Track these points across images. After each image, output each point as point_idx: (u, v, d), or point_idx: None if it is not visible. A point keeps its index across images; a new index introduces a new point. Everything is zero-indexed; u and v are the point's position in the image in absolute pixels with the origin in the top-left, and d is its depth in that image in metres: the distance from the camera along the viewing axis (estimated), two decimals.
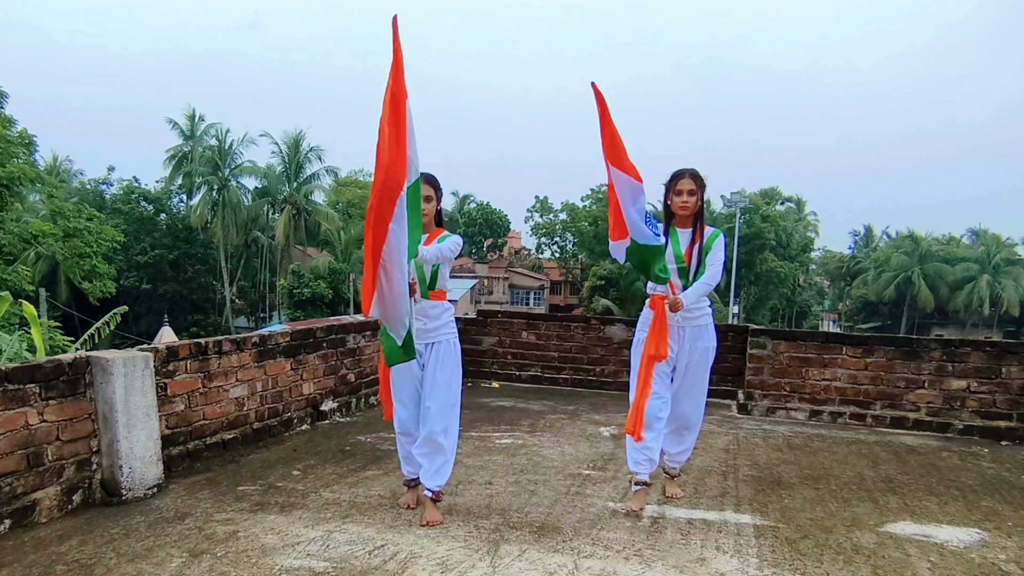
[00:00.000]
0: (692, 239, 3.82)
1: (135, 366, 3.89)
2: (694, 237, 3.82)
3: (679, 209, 3.83)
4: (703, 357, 3.95)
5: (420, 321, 3.61)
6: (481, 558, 3.20)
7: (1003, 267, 52.46)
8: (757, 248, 44.01)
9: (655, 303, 3.78)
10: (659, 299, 3.77)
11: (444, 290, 3.74)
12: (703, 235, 3.82)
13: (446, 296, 3.76)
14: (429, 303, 3.64)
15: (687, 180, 3.80)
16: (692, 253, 3.80)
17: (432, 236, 3.64)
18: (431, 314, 3.64)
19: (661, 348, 3.72)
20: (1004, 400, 6.00)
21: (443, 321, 3.69)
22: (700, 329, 3.90)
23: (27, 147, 22.14)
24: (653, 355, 3.73)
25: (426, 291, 3.64)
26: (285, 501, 3.92)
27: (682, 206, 3.81)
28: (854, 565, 3.23)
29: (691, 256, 3.79)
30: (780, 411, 6.56)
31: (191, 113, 42.11)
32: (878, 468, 4.89)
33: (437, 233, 3.67)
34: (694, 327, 3.88)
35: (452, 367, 3.72)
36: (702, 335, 3.91)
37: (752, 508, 3.98)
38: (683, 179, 3.81)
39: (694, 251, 3.80)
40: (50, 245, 26.51)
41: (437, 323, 3.67)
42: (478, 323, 8.14)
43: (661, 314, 3.75)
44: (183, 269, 41.60)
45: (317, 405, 5.86)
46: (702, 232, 3.83)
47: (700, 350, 3.92)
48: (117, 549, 3.24)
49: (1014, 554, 3.43)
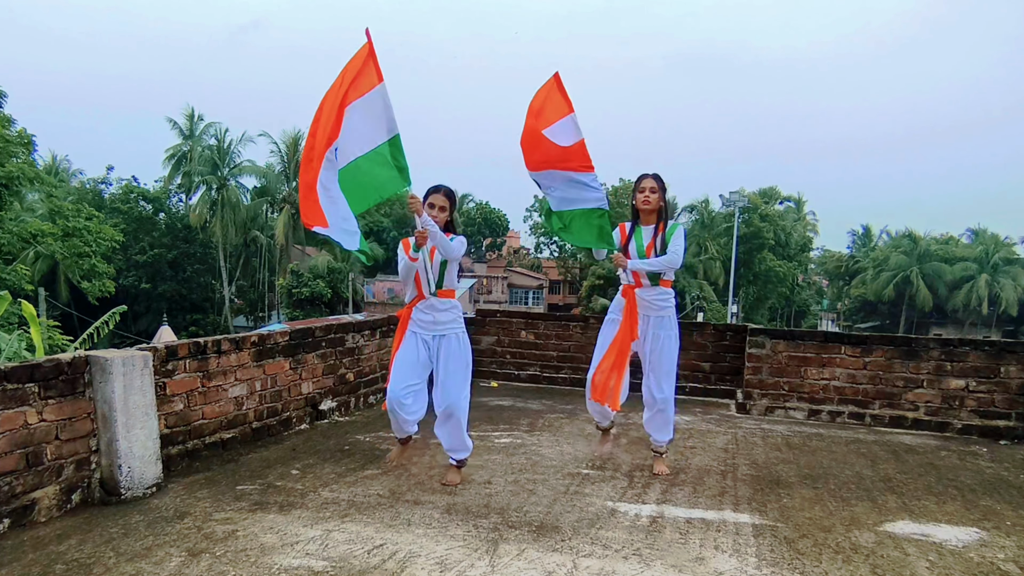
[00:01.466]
0: (654, 234, 4.29)
1: (134, 365, 3.89)
2: (656, 232, 4.30)
3: (642, 204, 4.31)
4: (667, 344, 4.38)
5: (428, 314, 4.15)
6: (480, 557, 3.20)
7: (1002, 266, 52.48)
8: (756, 247, 44.05)
9: (626, 291, 4.36)
10: (629, 288, 4.35)
11: (452, 289, 4.20)
12: (665, 229, 4.30)
13: (455, 295, 4.23)
14: (437, 300, 4.14)
15: (649, 180, 4.32)
16: (655, 246, 4.26)
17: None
18: (439, 308, 4.15)
19: (633, 331, 4.31)
20: (1003, 399, 6.01)
21: (451, 316, 4.18)
22: (663, 319, 4.38)
23: (26, 146, 22.11)
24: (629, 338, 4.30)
25: (434, 289, 4.12)
26: (284, 500, 3.92)
27: (644, 200, 4.30)
28: (853, 564, 3.24)
29: (653, 250, 4.27)
30: (779, 410, 6.56)
31: (190, 112, 42.11)
32: (877, 467, 4.90)
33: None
34: (657, 317, 4.37)
35: (462, 355, 4.19)
36: (664, 325, 4.38)
37: (751, 507, 3.99)
38: (646, 179, 4.34)
39: (656, 243, 4.26)
40: (49, 244, 26.51)
41: (446, 317, 4.16)
42: (477, 322, 8.14)
43: (632, 301, 4.33)
44: (182, 268, 41.58)
45: (316, 404, 5.86)
46: (663, 228, 4.30)
47: (663, 338, 4.37)
48: (116, 548, 3.24)
49: (1013, 553, 3.43)
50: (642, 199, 4.30)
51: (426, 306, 4.14)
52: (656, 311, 4.37)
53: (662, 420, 4.48)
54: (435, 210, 4.09)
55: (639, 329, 4.36)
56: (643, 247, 4.28)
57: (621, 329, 4.35)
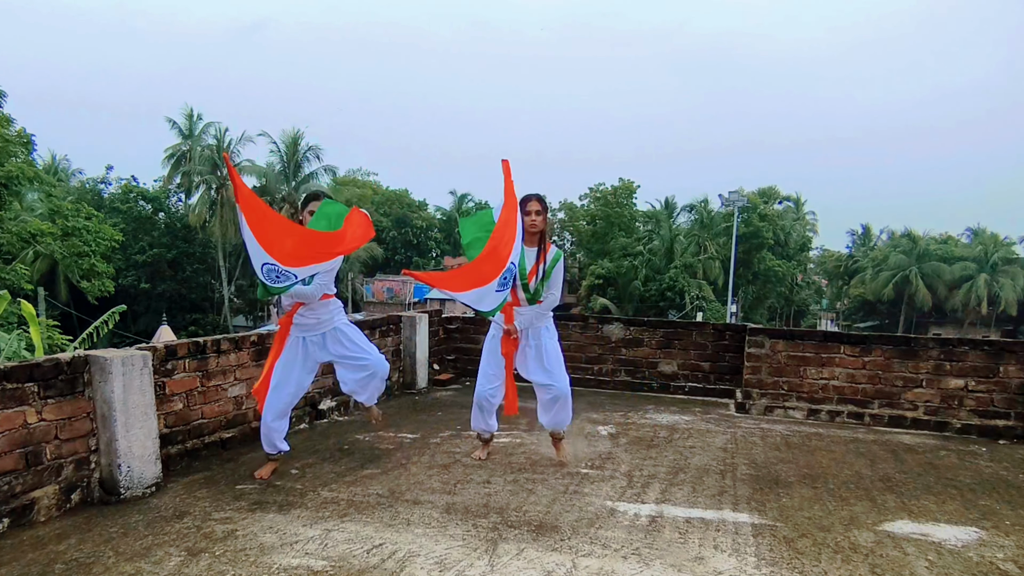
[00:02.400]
0: (537, 258, 4.40)
1: (133, 365, 3.89)
2: (539, 256, 4.40)
3: (528, 227, 4.35)
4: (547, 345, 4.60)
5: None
6: (479, 556, 3.20)
7: (1001, 266, 52.43)
8: (755, 247, 44.01)
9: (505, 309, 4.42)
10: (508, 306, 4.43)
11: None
12: (547, 256, 4.42)
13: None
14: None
15: (535, 202, 4.37)
16: (537, 272, 4.39)
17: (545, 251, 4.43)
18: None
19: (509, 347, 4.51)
20: (1002, 399, 6.01)
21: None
22: (537, 330, 4.57)
23: (25, 146, 22.10)
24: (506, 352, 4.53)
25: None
26: (283, 500, 3.92)
27: (531, 224, 4.35)
28: (852, 564, 3.24)
29: (535, 274, 4.39)
30: (778, 410, 6.56)
31: (189, 112, 42.05)
32: (876, 467, 4.90)
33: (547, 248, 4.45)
34: (535, 329, 4.57)
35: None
36: (543, 334, 4.59)
37: (750, 507, 3.99)
38: (531, 201, 4.37)
39: (539, 270, 4.39)
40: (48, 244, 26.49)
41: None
42: (476, 322, 8.14)
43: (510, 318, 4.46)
44: (181, 268, 41.53)
45: (315, 404, 5.86)
46: (546, 253, 4.42)
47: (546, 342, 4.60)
48: (115, 548, 3.24)
49: (1012, 552, 3.44)
50: (529, 222, 4.35)
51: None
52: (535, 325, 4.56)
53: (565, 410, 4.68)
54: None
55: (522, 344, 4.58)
56: (526, 270, 4.37)
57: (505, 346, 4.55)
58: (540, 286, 4.43)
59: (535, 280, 4.41)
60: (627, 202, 43.17)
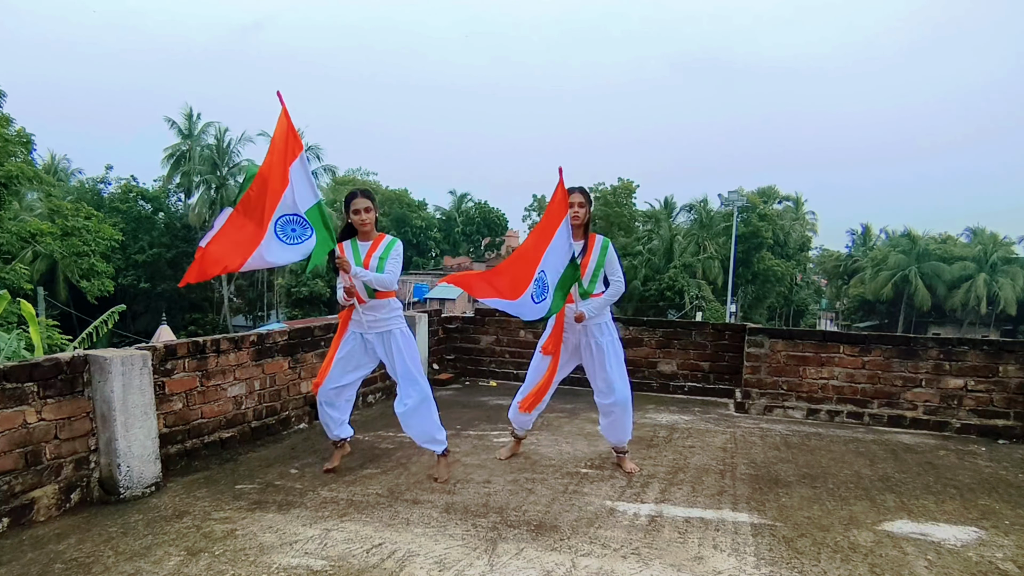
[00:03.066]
0: (584, 251, 4.36)
1: (133, 365, 3.89)
2: (585, 249, 4.36)
3: (571, 220, 4.27)
4: (609, 347, 4.44)
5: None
6: (479, 556, 3.20)
7: (1000, 266, 52.45)
8: (754, 247, 44.04)
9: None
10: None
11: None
12: (596, 245, 4.39)
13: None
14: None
15: (577, 194, 4.32)
16: (588, 264, 4.35)
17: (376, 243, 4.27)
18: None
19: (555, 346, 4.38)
20: (1001, 399, 6.01)
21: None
22: (599, 327, 4.44)
23: (25, 146, 22.08)
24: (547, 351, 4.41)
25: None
26: (283, 500, 3.92)
27: (573, 216, 4.29)
28: (851, 563, 3.24)
29: (586, 267, 4.34)
30: (777, 410, 6.57)
31: (189, 112, 42.04)
32: (875, 467, 4.90)
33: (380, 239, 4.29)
34: (595, 326, 4.42)
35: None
36: (605, 331, 4.45)
37: (749, 507, 3.99)
38: (573, 194, 4.31)
39: (590, 262, 4.36)
40: (48, 244, 26.48)
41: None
42: (476, 322, 8.14)
43: (561, 315, 4.33)
44: (181, 268, 41.41)
45: (315, 404, 5.85)
46: (592, 243, 4.39)
47: (607, 343, 4.44)
48: (115, 547, 3.24)
49: (1011, 552, 3.44)
50: (571, 214, 4.27)
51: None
52: (591, 320, 4.41)
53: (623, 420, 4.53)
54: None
55: (572, 340, 4.46)
56: (578, 263, 4.28)
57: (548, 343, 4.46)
58: (593, 278, 4.36)
59: (587, 272, 4.33)
60: (626, 202, 43.20)
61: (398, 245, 4.28)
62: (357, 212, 4.20)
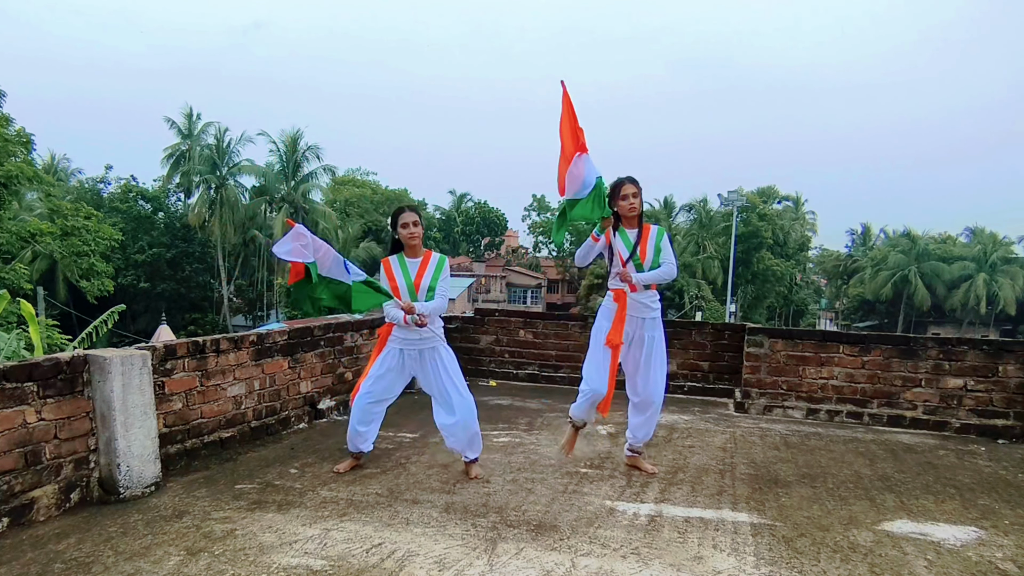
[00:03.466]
0: (639, 238, 4.32)
1: (133, 364, 3.89)
2: (640, 235, 4.32)
3: (627, 211, 4.30)
4: (659, 344, 4.43)
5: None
6: (478, 556, 3.20)
7: (1000, 265, 52.51)
8: (754, 247, 44.08)
9: (618, 296, 4.31)
10: (621, 293, 4.30)
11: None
12: (651, 232, 4.36)
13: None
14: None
15: (629, 185, 4.31)
16: (647, 250, 4.30)
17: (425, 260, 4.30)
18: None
19: (617, 336, 4.26)
20: (1001, 399, 6.02)
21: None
22: (655, 320, 4.43)
23: (25, 145, 22.06)
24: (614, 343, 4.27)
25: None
26: (283, 499, 3.92)
27: (629, 207, 4.29)
28: (851, 563, 3.24)
29: (644, 253, 4.30)
30: (777, 409, 6.57)
31: (188, 112, 42.03)
32: (875, 466, 4.91)
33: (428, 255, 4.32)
34: (651, 319, 4.39)
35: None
36: (656, 325, 4.43)
37: (749, 506, 3.99)
38: (625, 185, 4.31)
39: (648, 247, 4.31)
40: (48, 244, 26.48)
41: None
42: (476, 321, 8.14)
43: (624, 306, 4.28)
44: (181, 268, 41.51)
45: (315, 403, 5.86)
46: (647, 232, 4.35)
47: (657, 339, 4.41)
48: (115, 547, 3.24)
49: (1011, 552, 3.44)
50: (627, 206, 4.28)
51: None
52: (649, 312, 4.39)
53: (652, 421, 4.54)
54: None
55: (628, 332, 4.35)
56: (632, 249, 4.29)
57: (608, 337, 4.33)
58: (653, 266, 4.32)
59: (647, 261, 4.29)
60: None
61: (446, 265, 4.31)
62: (406, 226, 4.18)
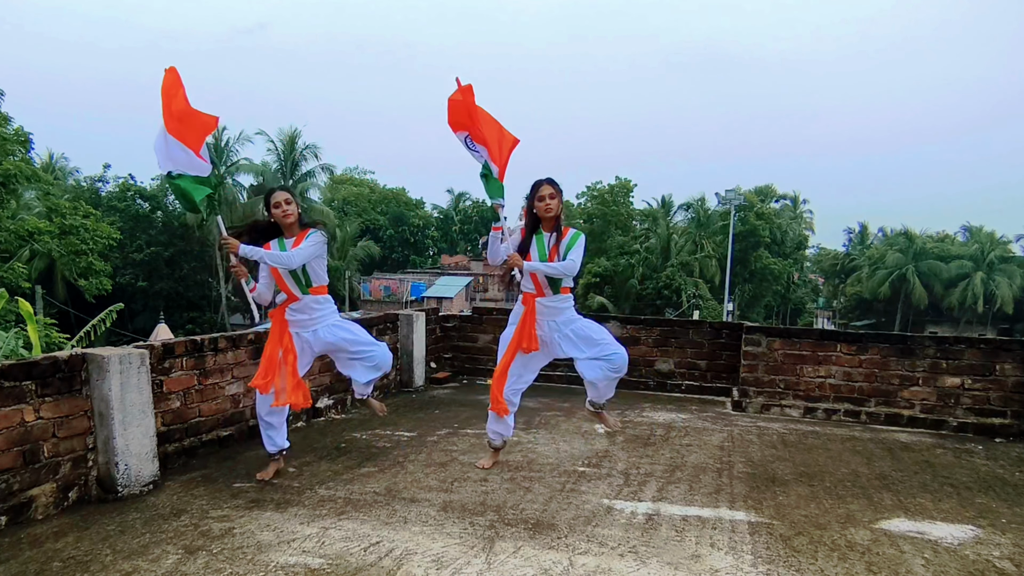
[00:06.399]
0: (556, 241, 4.24)
1: (131, 363, 3.89)
2: (556, 241, 4.24)
3: (544, 212, 4.24)
4: (586, 324, 4.36)
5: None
6: (476, 555, 3.21)
7: (997, 264, 52.51)
8: (752, 245, 44.06)
9: (526, 299, 4.31)
10: (530, 296, 4.29)
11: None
12: (567, 236, 4.26)
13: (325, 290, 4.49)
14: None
15: (547, 186, 4.25)
16: (557, 253, 4.21)
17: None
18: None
19: (531, 342, 4.26)
20: (998, 397, 6.03)
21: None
22: (569, 316, 4.36)
23: (23, 144, 22.00)
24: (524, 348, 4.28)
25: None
26: (281, 498, 3.92)
27: (546, 208, 4.23)
28: (848, 562, 3.25)
29: (555, 256, 4.21)
30: (775, 408, 6.58)
31: None
32: (872, 465, 4.91)
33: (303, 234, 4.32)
34: (564, 319, 4.34)
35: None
36: (575, 317, 4.38)
37: (747, 505, 4.00)
38: (543, 186, 4.26)
39: (559, 249, 4.21)
40: (46, 242, 26.40)
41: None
42: (473, 320, 8.14)
43: (531, 310, 4.28)
44: (179, 266, 41.45)
45: (313, 402, 5.85)
46: (563, 236, 4.25)
47: (581, 322, 4.37)
48: (113, 546, 3.24)
49: (1008, 551, 3.45)
50: (543, 207, 4.22)
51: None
52: (560, 315, 4.33)
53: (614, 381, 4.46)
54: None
55: (543, 336, 4.33)
56: (545, 254, 4.22)
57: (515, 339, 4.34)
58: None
59: (556, 259, 4.20)
60: (624, 200, 43.19)
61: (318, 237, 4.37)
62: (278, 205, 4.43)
